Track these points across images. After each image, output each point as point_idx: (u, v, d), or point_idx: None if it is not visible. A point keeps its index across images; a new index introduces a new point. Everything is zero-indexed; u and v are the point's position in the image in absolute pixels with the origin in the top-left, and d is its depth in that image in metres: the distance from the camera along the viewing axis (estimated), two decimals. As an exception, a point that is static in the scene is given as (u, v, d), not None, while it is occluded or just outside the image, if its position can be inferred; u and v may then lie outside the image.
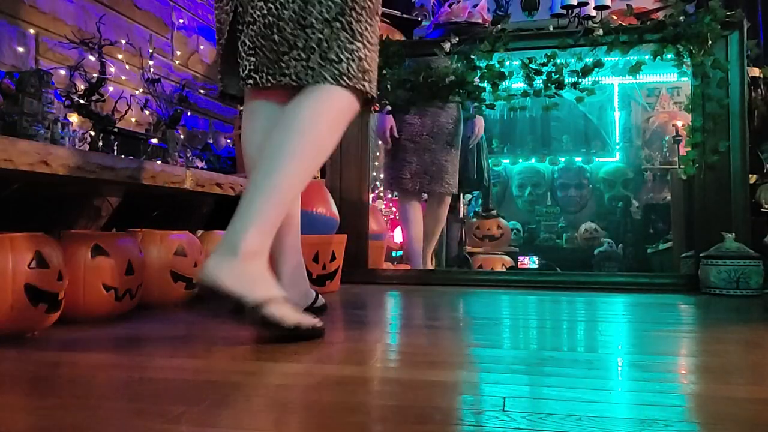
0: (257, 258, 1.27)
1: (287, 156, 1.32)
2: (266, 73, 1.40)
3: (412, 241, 3.22)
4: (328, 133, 1.40)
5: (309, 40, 1.36)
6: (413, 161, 3.11)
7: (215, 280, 1.21)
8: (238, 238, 1.24)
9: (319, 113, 1.38)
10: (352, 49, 1.37)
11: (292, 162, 1.32)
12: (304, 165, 1.35)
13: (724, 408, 0.81)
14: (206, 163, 2.86)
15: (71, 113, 2.10)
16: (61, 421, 0.75)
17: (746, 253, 2.30)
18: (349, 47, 1.37)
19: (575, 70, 2.66)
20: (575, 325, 1.63)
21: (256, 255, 1.26)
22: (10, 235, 1.27)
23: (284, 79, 1.38)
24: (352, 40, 1.38)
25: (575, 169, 5.38)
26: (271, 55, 1.39)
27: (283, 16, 1.36)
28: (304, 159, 1.35)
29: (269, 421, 0.76)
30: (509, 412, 0.77)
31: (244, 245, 1.23)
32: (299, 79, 1.37)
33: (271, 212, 1.30)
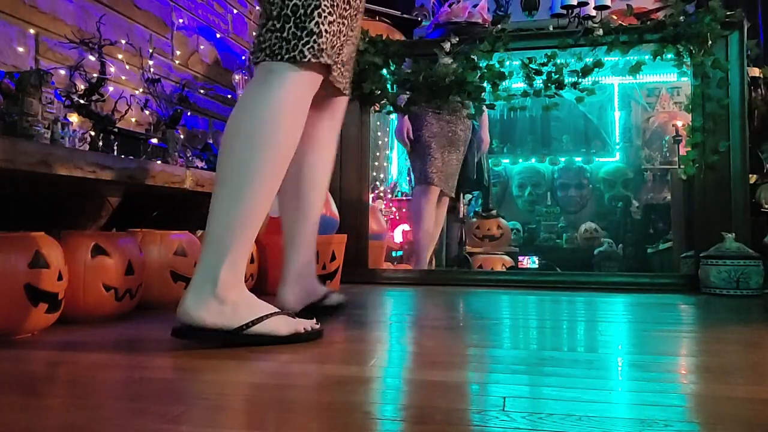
0: (235, 288, 1.20)
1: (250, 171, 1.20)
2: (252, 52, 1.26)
3: (424, 236, 3.23)
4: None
5: (284, 8, 1.22)
6: (437, 157, 3.21)
7: (197, 320, 1.17)
8: (213, 274, 1.17)
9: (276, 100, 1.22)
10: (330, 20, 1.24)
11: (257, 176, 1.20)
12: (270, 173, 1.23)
13: (724, 408, 0.81)
14: (206, 163, 2.86)
15: (71, 113, 2.10)
16: (60, 421, 0.75)
17: (746, 253, 2.29)
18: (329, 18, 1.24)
19: (575, 70, 2.66)
20: (575, 325, 1.63)
21: (234, 286, 1.20)
22: (10, 235, 1.27)
23: (261, 55, 1.24)
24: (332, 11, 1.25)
25: (575, 169, 5.38)
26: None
27: None
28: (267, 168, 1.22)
29: (269, 421, 0.76)
30: (509, 412, 0.77)
31: (221, 281, 1.17)
32: (277, 55, 1.22)
33: (244, 239, 1.22)
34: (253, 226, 1.23)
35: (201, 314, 1.17)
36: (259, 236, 2.23)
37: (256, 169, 1.20)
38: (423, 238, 3.22)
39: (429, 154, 3.20)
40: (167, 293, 1.76)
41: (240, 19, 3.84)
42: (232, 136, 1.22)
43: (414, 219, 3.30)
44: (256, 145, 1.20)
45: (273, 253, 2.19)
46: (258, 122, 1.20)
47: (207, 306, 1.17)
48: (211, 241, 1.20)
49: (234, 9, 3.75)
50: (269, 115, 1.21)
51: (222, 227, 1.20)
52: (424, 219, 3.23)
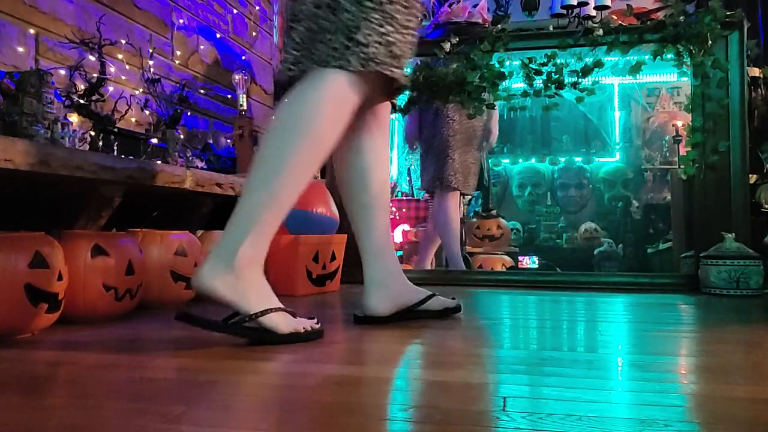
0: (252, 267, 1.24)
1: (286, 157, 1.26)
2: (304, 61, 1.32)
3: (454, 241, 3.20)
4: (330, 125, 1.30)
5: (337, 22, 1.28)
6: (455, 158, 3.15)
7: (209, 288, 1.20)
8: (233, 247, 1.21)
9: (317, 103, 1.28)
10: (381, 32, 1.29)
11: (291, 162, 1.26)
12: (304, 162, 1.28)
13: (724, 408, 0.80)
14: (206, 163, 2.86)
15: (71, 113, 2.10)
16: (61, 421, 0.75)
17: (746, 253, 2.29)
18: (379, 30, 1.29)
19: (575, 70, 2.66)
20: (575, 325, 1.63)
21: (251, 264, 1.24)
22: (10, 235, 1.27)
23: (308, 63, 1.30)
24: (383, 23, 1.29)
25: (575, 169, 5.38)
26: (309, 41, 1.31)
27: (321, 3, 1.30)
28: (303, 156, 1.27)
29: (269, 422, 0.76)
30: (509, 412, 0.77)
31: (239, 255, 1.21)
32: (326, 63, 1.27)
33: (269, 221, 1.27)
34: (281, 210, 1.28)
35: (214, 284, 1.20)
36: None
37: (290, 156, 1.26)
38: (453, 244, 3.20)
39: (447, 155, 3.14)
40: (167, 293, 1.76)
41: (240, 19, 3.84)
42: (274, 125, 1.30)
43: (443, 229, 3.22)
44: (295, 134, 1.27)
45: (273, 253, 2.19)
46: (299, 115, 1.28)
47: (222, 277, 1.20)
48: (238, 218, 1.25)
49: (234, 9, 3.75)
50: (310, 109, 1.27)
51: (251, 206, 1.26)
52: (452, 226, 3.20)
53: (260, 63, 4.09)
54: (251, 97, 3.82)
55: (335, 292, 2.31)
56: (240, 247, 1.21)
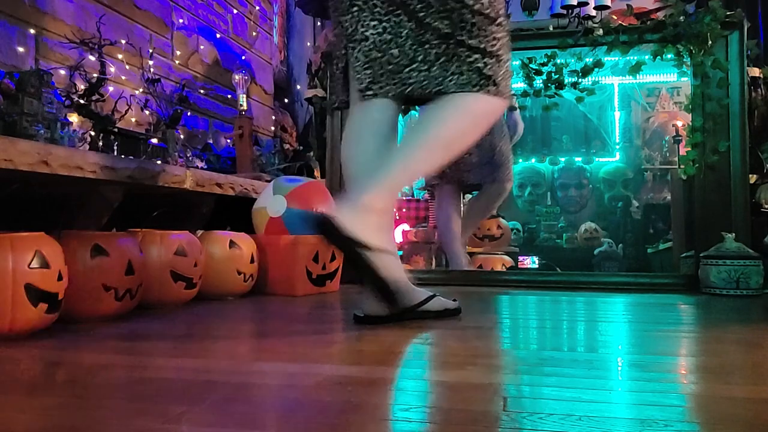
0: (380, 213, 1.40)
1: (424, 143, 1.49)
2: (386, 84, 1.55)
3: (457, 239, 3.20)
4: (460, 132, 1.54)
5: (428, 55, 1.52)
6: (473, 152, 3.06)
7: (336, 220, 1.32)
8: (367, 192, 1.40)
9: (448, 116, 1.52)
10: (470, 61, 1.51)
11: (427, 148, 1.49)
12: (437, 153, 1.51)
13: (724, 408, 0.81)
14: (206, 163, 2.86)
15: (71, 113, 2.10)
16: (61, 421, 0.75)
17: (746, 253, 2.30)
18: (468, 60, 1.51)
19: (575, 70, 2.66)
20: (575, 325, 1.63)
21: (380, 210, 1.40)
22: (10, 235, 1.27)
23: (407, 88, 1.54)
24: (469, 53, 1.51)
25: (575, 169, 5.38)
26: (389, 67, 1.54)
27: (401, 33, 1.53)
28: (437, 148, 1.50)
29: (269, 421, 0.76)
30: (510, 412, 0.77)
31: (371, 199, 1.38)
32: (422, 88, 1.52)
33: (400, 177, 1.48)
34: (413, 177, 1.67)
35: (342, 216, 1.34)
36: (259, 236, 2.24)
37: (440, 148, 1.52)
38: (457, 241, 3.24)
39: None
40: (167, 293, 1.76)
41: (240, 19, 3.84)
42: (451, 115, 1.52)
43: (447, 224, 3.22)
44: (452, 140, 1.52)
45: (273, 253, 2.20)
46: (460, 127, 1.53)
47: (351, 212, 1.36)
48: (380, 173, 1.45)
49: (234, 9, 3.75)
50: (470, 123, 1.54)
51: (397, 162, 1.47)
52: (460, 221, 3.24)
53: (260, 63, 4.08)
54: (251, 97, 3.82)
55: (335, 292, 2.31)
56: (372, 192, 1.41)
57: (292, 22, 4.85)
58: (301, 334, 1.39)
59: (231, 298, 2.06)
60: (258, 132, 3.71)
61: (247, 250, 2.07)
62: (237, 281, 2.03)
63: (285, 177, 2.47)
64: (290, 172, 3.16)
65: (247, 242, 2.09)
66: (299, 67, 4.80)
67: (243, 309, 1.85)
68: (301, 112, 4.65)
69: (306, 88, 3.99)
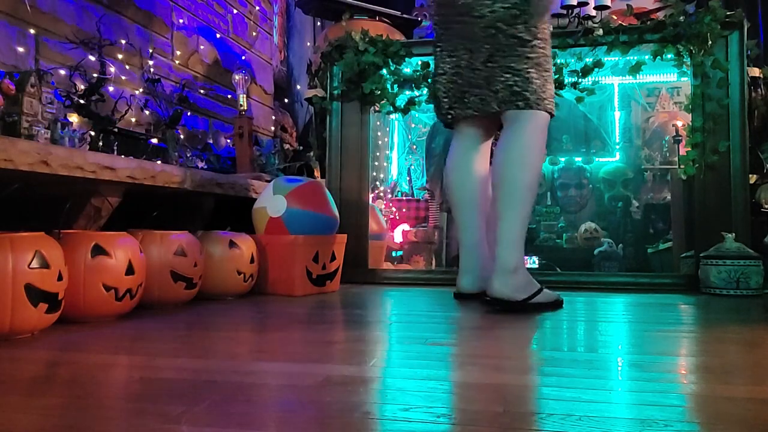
0: (517, 268, 1.85)
1: (511, 184, 1.82)
2: (457, 107, 1.96)
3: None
4: (532, 147, 1.85)
5: (478, 78, 1.88)
6: None
7: (496, 294, 1.79)
8: (508, 261, 1.81)
9: (518, 138, 1.85)
10: (502, 80, 1.84)
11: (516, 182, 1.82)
12: (526, 177, 1.83)
13: (724, 408, 0.81)
14: (206, 163, 2.86)
15: (71, 113, 2.10)
16: (61, 421, 0.75)
17: (746, 253, 2.29)
18: (500, 80, 1.84)
19: (575, 70, 2.66)
20: (575, 325, 1.63)
21: (517, 269, 1.85)
22: (10, 235, 1.27)
23: (469, 111, 1.93)
24: (501, 74, 1.84)
25: (575, 169, 5.37)
26: (458, 94, 1.94)
27: (462, 64, 1.92)
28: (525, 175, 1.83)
29: (269, 421, 0.76)
30: (510, 412, 0.77)
31: (507, 262, 1.81)
32: (478, 109, 1.91)
33: (519, 228, 1.84)
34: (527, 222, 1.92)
35: (501, 288, 1.80)
36: (259, 236, 2.24)
37: (533, 189, 1.88)
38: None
39: None
40: (167, 293, 1.77)
41: (240, 19, 3.84)
42: (522, 168, 1.84)
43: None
44: (526, 158, 1.84)
45: (273, 253, 2.20)
46: (526, 144, 1.85)
47: (503, 281, 1.81)
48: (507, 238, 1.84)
49: (234, 9, 3.75)
50: (528, 139, 1.85)
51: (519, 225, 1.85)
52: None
53: (260, 63, 4.09)
54: (251, 97, 3.82)
55: (335, 292, 2.31)
56: (510, 258, 1.84)
57: (292, 22, 4.85)
58: (301, 334, 1.39)
59: (231, 298, 2.06)
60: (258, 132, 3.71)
61: (247, 250, 2.07)
62: (237, 281, 2.03)
63: (285, 177, 2.47)
64: (290, 172, 3.17)
65: (247, 242, 2.09)
66: (299, 67, 4.81)
67: (243, 309, 1.85)
68: (301, 112, 4.65)
69: (306, 88, 3.99)
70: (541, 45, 1.86)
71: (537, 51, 1.85)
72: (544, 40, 1.88)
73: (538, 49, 1.85)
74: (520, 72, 1.83)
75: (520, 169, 1.84)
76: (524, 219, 1.85)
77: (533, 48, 1.84)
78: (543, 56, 1.86)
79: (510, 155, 1.84)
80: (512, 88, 1.83)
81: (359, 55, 2.76)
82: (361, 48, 2.75)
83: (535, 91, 1.83)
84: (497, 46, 1.84)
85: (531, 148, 1.84)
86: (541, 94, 1.85)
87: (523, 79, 1.83)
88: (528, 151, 1.84)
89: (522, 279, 1.83)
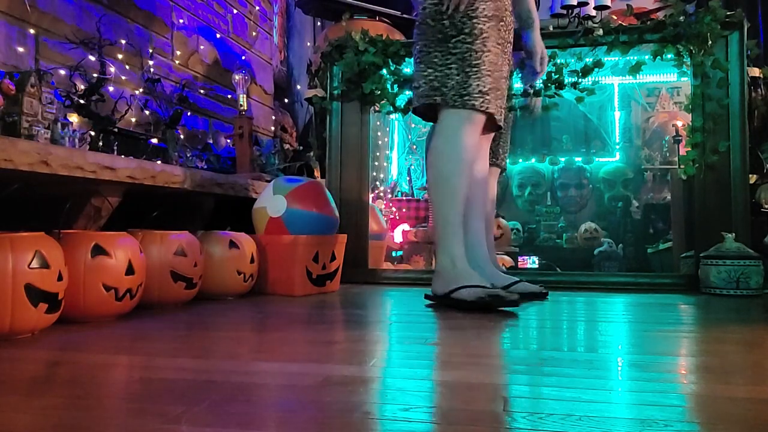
0: (447, 268, 1.87)
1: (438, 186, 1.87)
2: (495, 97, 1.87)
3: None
4: (449, 147, 1.83)
5: (414, 74, 1.94)
6: None
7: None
8: (438, 261, 1.86)
9: (438, 137, 1.86)
10: (425, 75, 1.86)
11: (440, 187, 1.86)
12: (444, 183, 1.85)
13: (724, 408, 0.81)
14: (206, 163, 2.86)
15: (71, 113, 2.10)
16: (61, 421, 0.75)
17: (746, 253, 2.29)
18: (423, 74, 1.86)
19: (575, 70, 2.66)
20: (575, 325, 1.63)
21: (445, 267, 1.87)
22: (10, 235, 1.27)
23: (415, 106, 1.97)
24: (425, 68, 1.86)
25: (575, 169, 5.38)
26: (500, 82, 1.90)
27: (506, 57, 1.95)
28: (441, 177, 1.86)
29: (269, 421, 0.76)
30: (510, 412, 0.77)
31: (440, 263, 1.87)
32: (413, 106, 1.97)
33: (444, 234, 1.86)
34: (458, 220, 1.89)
35: (433, 286, 1.85)
36: (259, 236, 2.24)
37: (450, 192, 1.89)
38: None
39: None
40: (167, 293, 1.76)
41: (240, 19, 3.84)
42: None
43: None
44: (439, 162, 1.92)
45: (273, 253, 2.20)
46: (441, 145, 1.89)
47: (437, 279, 1.85)
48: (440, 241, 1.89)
49: (234, 9, 3.75)
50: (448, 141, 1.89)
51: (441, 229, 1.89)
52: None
53: (260, 63, 4.08)
54: (251, 97, 3.82)
55: (335, 292, 2.31)
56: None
57: (292, 22, 4.85)
58: (301, 334, 1.39)
59: (231, 298, 2.06)
60: (258, 132, 3.71)
61: (247, 250, 2.07)
62: (237, 281, 2.03)
63: (285, 177, 2.47)
64: (290, 172, 3.17)
65: (247, 242, 2.09)
66: (299, 67, 4.81)
67: (243, 309, 1.85)
68: (301, 112, 4.65)
69: (306, 88, 3.99)
70: (468, 40, 1.81)
71: (461, 46, 1.81)
72: (475, 36, 1.81)
73: (463, 44, 1.81)
74: (441, 67, 1.82)
75: (436, 170, 1.83)
76: (445, 221, 1.82)
77: (456, 43, 1.81)
78: (470, 52, 1.81)
79: (431, 155, 1.86)
80: (432, 83, 1.83)
81: (359, 55, 2.76)
82: (361, 48, 2.75)
83: (453, 86, 1.80)
84: (425, 42, 1.86)
85: (447, 149, 1.82)
86: (461, 91, 1.80)
87: (443, 75, 1.81)
88: (443, 150, 1.83)
89: (449, 275, 1.80)
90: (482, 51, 1.81)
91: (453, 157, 1.82)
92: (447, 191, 1.82)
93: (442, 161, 1.83)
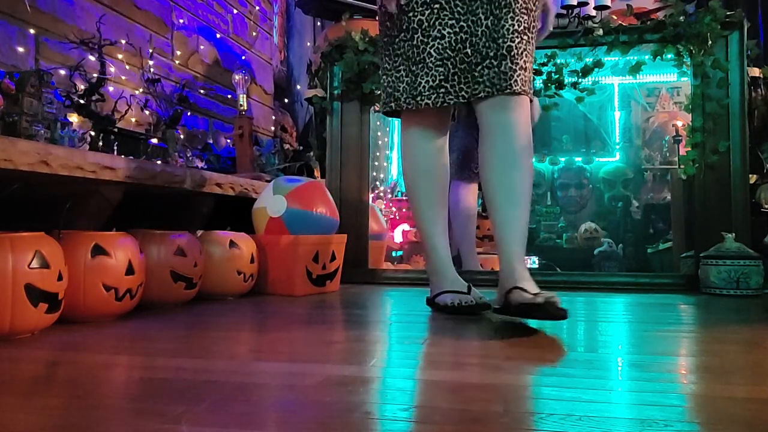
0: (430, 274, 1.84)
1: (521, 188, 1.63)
2: (458, 82, 1.62)
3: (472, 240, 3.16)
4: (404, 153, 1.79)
5: (500, 49, 1.56)
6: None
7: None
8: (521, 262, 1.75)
9: (524, 128, 1.61)
10: (382, 82, 1.75)
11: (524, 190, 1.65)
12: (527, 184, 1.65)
13: (724, 408, 0.81)
14: (206, 163, 2.86)
15: (71, 113, 2.10)
16: (61, 421, 0.75)
17: (746, 253, 2.29)
18: (382, 81, 1.75)
19: (575, 70, 2.66)
20: (575, 325, 1.63)
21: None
22: (10, 235, 1.27)
23: (478, 87, 1.59)
24: (382, 75, 1.75)
25: (575, 169, 5.38)
26: (462, 65, 1.60)
27: (476, 31, 1.58)
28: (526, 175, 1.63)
29: (270, 421, 0.76)
30: (510, 412, 0.77)
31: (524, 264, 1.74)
32: (492, 85, 1.57)
33: (525, 230, 1.80)
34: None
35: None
36: (259, 236, 2.24)
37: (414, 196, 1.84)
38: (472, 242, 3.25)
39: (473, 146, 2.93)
40: (167, 293, 1.77)
41: (240, 19, 3.84)
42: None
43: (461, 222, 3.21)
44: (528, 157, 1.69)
45: (273, 253, 2.20)
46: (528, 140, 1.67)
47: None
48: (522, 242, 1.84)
49: (234, 9, 3.75)
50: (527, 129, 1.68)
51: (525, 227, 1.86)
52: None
53: (260, 63, 4.08)
54: (251, 97, 3.82)
55: (335, 292, 2.31)
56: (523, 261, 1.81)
57: (292, 22, 4.85)
58: (301, 334, 1.39)
59: (231, 298, 2.06)
60: (258, 132, 3.71)
61: (247, 250, 2.07)
62: (237, 281, 2.03)
63: (285, 177, 2.47)
64: (290, 172, 3.17)
65: (247, 242, 2.09)
66: (299, 67, 4.81)
67: (243, 309, 1.85)
68: (301, 112, 4.65)
69: (306, 88, 3.99)
70: (407, 36, 1.67)
71: (403, 45, 1.68)
72: (414, 30, 1.65)
73: (404, 42, 1.68)
74: (391, 71, 1.73)
75: (405, 178, 1.83)
76: (419, 229, 1.86)
77: (399, 43, 1.70)
78: (411, 48, 1.67)
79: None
80: (387, 89, 1.75)
81: (359, 55, 2.76)
82: (361, 48, 2.75)
83: (405, 89, 1.69)
84: (380, 48, 1.80)
85: (408, 155, 1.79)
86: (412, 92, 1.68)
87: (395, 79, 1.72)
88: (405, 156, 1.81)
89: (434, 281, 1.81)
90: (425, 44, 1.64)
91: (414, 164, 1.78)
92: (413, 198, 1.80)
93: (406, 168, 1.80)
